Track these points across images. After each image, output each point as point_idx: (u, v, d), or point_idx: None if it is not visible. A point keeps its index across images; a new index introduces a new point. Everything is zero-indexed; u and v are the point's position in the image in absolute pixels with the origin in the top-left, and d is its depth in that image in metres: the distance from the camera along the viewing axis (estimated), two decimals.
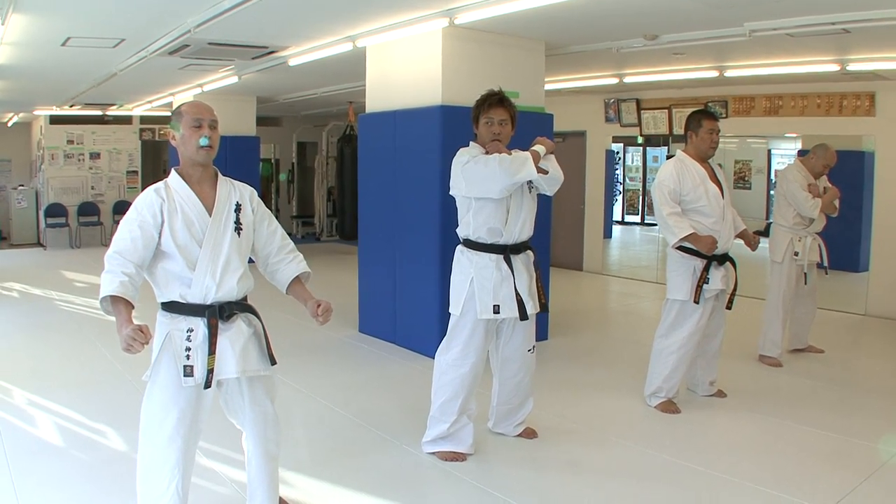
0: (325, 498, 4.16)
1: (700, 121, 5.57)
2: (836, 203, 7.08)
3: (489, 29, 7.13)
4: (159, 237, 3.26)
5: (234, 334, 3.39)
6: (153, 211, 3.26)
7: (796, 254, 6.97)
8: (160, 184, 3.38)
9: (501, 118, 4.66)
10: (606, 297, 11.58)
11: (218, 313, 3.34)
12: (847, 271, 10.70)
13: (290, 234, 15.15)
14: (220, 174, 3.53)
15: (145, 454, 3.40)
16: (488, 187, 4.49)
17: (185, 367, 3.27)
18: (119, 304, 3.09)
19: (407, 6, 6.48)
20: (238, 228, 3.43)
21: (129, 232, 3.22)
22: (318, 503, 4.07)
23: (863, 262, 9.98)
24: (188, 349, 3.29)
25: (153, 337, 3.16)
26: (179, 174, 3.41)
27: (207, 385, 3.30)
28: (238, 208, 3.46)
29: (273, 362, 3.53)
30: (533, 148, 4.57)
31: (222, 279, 3.34)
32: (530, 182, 4.63)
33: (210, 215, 3.36)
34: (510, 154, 4.55)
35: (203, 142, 3.33)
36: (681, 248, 5.50)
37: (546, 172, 4.58)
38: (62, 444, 4.99)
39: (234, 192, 3.50)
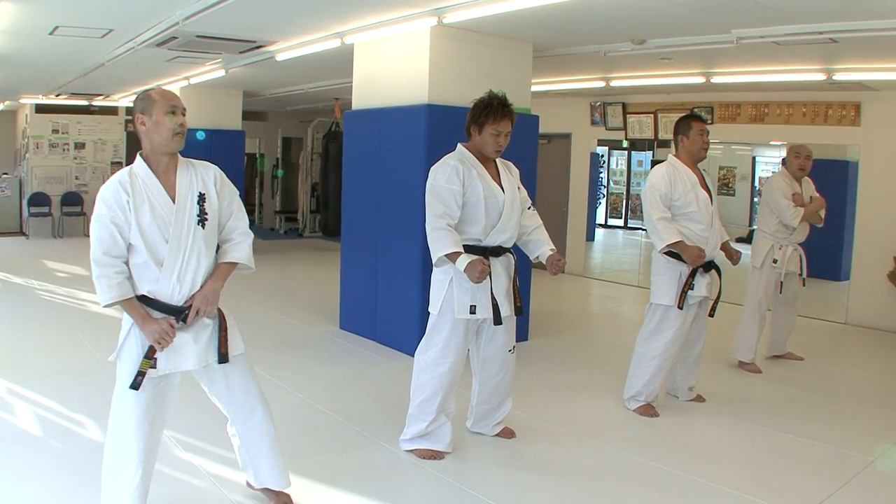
0: (303, 494, 4.14)
1: (690, 124, 5.60)
2: (822, 213, 7.10)
3: (477, 29, 7.15)
4: (129, 230, 3.27)
5: (198, 329, 3.44)
6: (121, 205, 3.26)
7: (775, 261, 7.00)
8: (124, 173, 3.35)
9: (508, 131, 4.61)
10: (588, 299, 11.62)
11: (182, 317, 3.38)
12: (829, 280, 10.76)
13: (272, 230, 15.09)
14: (180, 158, 3.50)
15: (113, 440, 3.46)
16: None
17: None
18: (125, 304, 3.22)
19: (396, 4, 6.49)
20: (202, 220, 3.42)
21: (105, 229, 3.24)
22: (296, 498, 4.06)
23: (845, 271, 10.02)
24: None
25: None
26: (145, 160, 3.40)
27: (134, 386, 3.30)
28: (202, 198, 3.44)
29: (223, 360, 3.52)
30: (459, 259, 4.39)
31: (186, 276, 3.38)
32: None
33: None
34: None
35: (176, 129, 3.35)
36: (668, 254, 5.52)
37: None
38: (41, 434, 4.97)
39: (197, 179, 3.47)
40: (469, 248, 4.51)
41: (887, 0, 5.54)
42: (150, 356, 3.30)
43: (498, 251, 4.67)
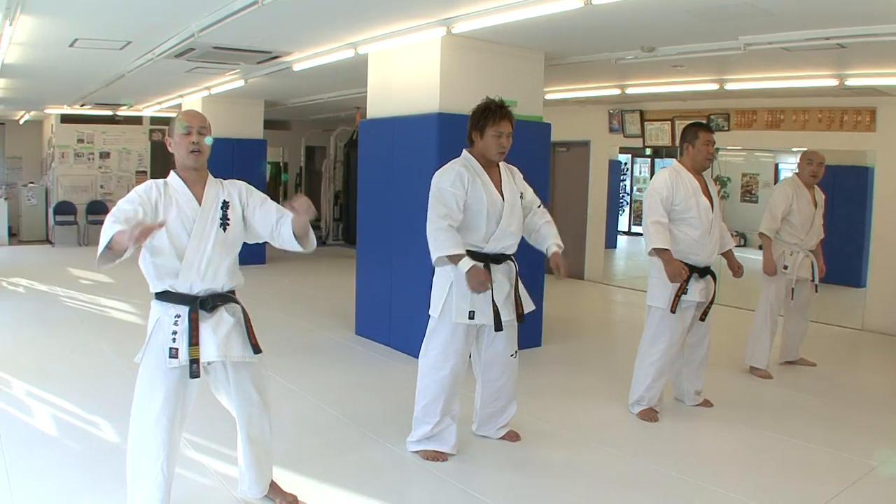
0: (310, 493, 4.23)
1: (697, 133, 5.65)
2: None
3: (488, 38, 7.22)
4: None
5: (216, 322, 3.59)
6: (151, 198, 3.52)
7: (785, 267, 7.01)
8: (160, 180, 3.65)
9: (509, 131, 4.71)
10: (606, 306, 11.65)
11: (202, 305, 3.56)
12: (849, 286, 10.74)
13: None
14: (210, 176, 3.75)
15: (134, 434, 3.63)
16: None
17: (170, 349, 3.50)
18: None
19: (406, 14, 6.57)
20: (224, 224, 3.65)
21: (130, 203, 3.45)
22: (302, 498, 4.15)
23: (864, 278, 10.00)
24: (174, 333, 3.51)
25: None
26: (177, 174, 3.67)
27: (194, 374, 3.51)
28: (225, 205, 3.68)
29: (257, 350, 3.72)
30: (462, 261, 4.51)
31: (207, 271, 3.57)
32: (523, 197, 4.85)
33: None
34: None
35: (190, 147, 3.60)
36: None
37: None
38: (57, 435, 5.10)
39: (223, 191, 3.73)
40: (470, 255, 4.61)
41: (894, 5, 5.56)
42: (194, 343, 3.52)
43: (499, 258, 4.75)
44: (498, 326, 4.68)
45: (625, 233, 20.15)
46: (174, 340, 3.50)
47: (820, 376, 7.18)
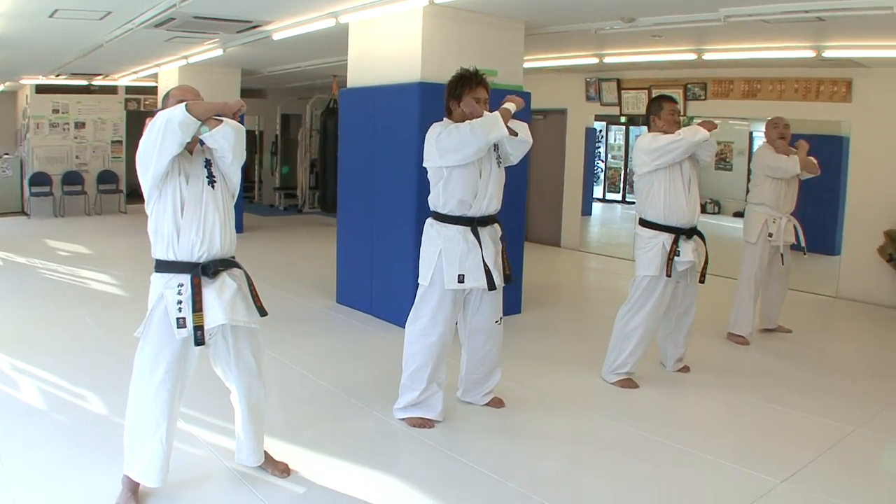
0: (297, 461, 4.28)
1: (661, 104, 5.80)
2: (814, 160, 7.14)
3: (469, 8, 7.22)
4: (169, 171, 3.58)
5: (219, 287, 3.64)
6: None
7: (770, 235, 7.08)
8: None
9: (486, 97, 4.83)
10: (583, 273, 11.75)
11: (203, 271, 3.59)
12: (824, 254, 10.86)
13: (272, 207, 15.18)
14: (198, 146, 3.78)
15: (134, 405, 3.69)
16: (463, 153, 4.63)
17: (177, 319, 3.54)
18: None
19: None
20: (211, 182, 3.70)
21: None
22: (292, 466, 4.20)
23: (839, 246, 10.11)
24: (179, 303, 3.55)
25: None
26: None
27: (199, 342, 3.56)
28: (208, 163, 3.73)
29: (263, 313, 3.84)
30: (503, 106, 4.67)
31: (205, 229, 3.60)
32: (499, 156, 4.86)
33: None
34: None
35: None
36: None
37: (515, 134, 4.74)
38: (44, 407, 5.12)
39: (205, 152, 3.76)
40: (457, 220, 4.73)
41: None
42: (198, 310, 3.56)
43: (485, 221, 4.82)
44: (491, 286, 4.76)
45: (600, 200, 20.28)
46: (180, 311, 3.54)
47: (797, 343, 7.30)
